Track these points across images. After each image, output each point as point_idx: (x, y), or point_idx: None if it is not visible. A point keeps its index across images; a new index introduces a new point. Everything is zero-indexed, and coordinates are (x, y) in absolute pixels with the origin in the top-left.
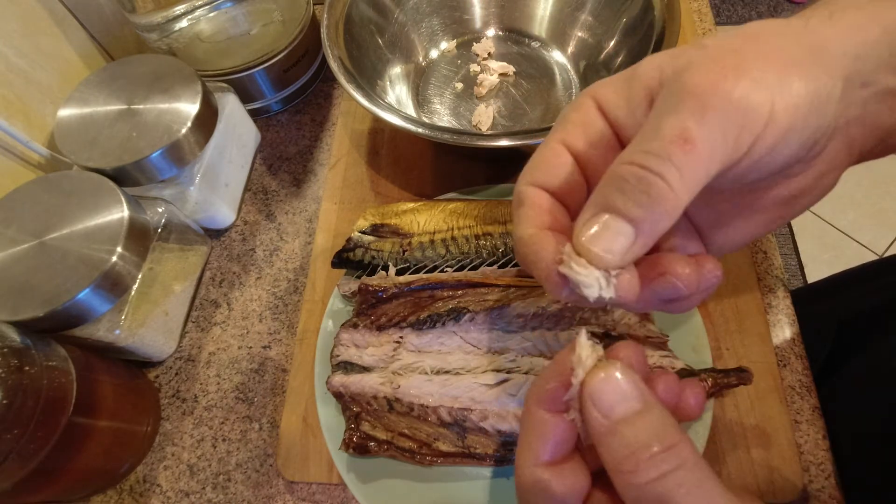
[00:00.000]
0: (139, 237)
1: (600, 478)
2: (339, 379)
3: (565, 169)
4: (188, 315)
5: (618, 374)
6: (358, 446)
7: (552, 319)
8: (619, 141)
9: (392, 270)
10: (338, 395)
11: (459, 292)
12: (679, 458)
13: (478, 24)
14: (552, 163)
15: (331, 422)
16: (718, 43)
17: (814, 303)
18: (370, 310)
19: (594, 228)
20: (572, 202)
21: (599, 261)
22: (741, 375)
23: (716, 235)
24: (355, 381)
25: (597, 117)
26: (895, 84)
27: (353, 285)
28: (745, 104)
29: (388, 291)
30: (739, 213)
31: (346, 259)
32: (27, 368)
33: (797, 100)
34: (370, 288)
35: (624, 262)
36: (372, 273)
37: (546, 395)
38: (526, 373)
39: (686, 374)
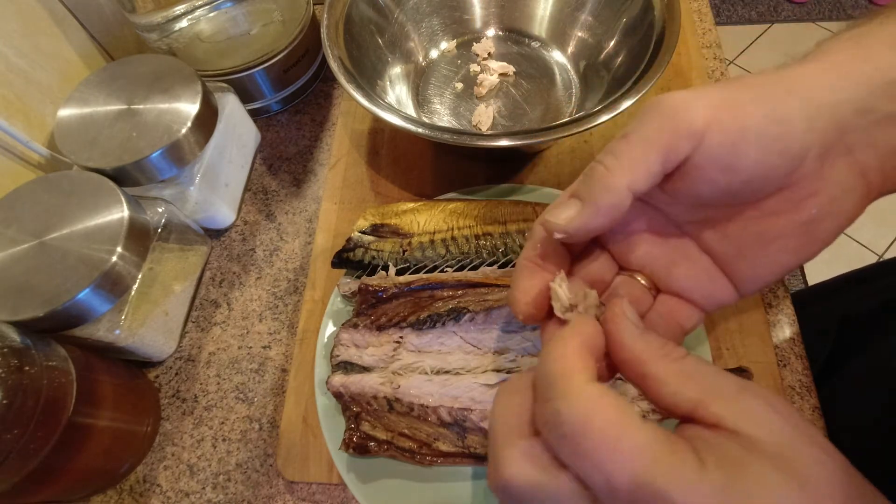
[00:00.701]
0: (139, 237)
1: None
2: (339, 379)
3: None
4: (188, 315)
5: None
6: (358, 446)
7: None
8: None
9: (392, 270)
10: (338, 396)
11: (459, 292)
12: (683, 349)
13: (478, 24)
14: None
15: (331, 422)
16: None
17: (815, 303)
18: (370, 310)
19: (561, 206)
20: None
21: (549, 225)
22: (741, 375)
23: (741, 270)
24: (355, 381)
25: None
26: None
27: (354, 285)
28: (679, 106)
29: (388, 291)
30: (758, 242)
31: (346, 259)
32: (27, 368)
33: (746, 109)
34: (370, 288)
35: (567, 230)
36: (372, 273)
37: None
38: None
39: None
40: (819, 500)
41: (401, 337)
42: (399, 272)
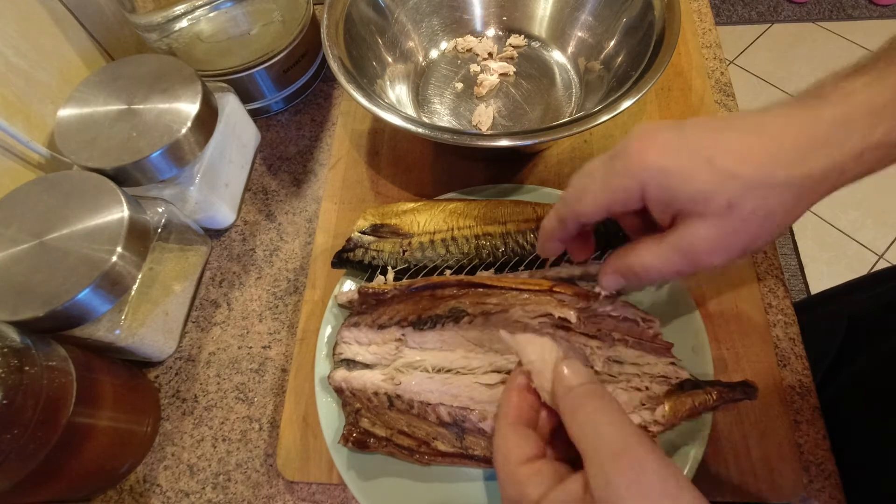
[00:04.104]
0: (139, 237)
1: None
2: (341, 374)
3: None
4: (188, 315)
5: (576, 362)
6: (357, 441)
7: (553, 327)
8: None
9: (391, 275)
10: (339, 391)
11: (461, 292)
12: (604, 401)
13: (478, 24)
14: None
15: (331, 421)
16: (729, 208)
17: (823, 306)
18: (371, 310)
19: (610, 280)
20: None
21: (607, 291)
22: (747, 391)
23: None
24: (356, 377)
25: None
26: (854, 169)
27: (352, 294)
28: (722, 263)
29: (387, 294)
30: None
31: (346, 259)
32: (27, 368)
33: (761, 244)
34: (370, 291)
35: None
36: (372, 274)
37: (519, 383)
38: None
39: (691, 386)
40: None
41: (402, 335)
42: (399, 272)
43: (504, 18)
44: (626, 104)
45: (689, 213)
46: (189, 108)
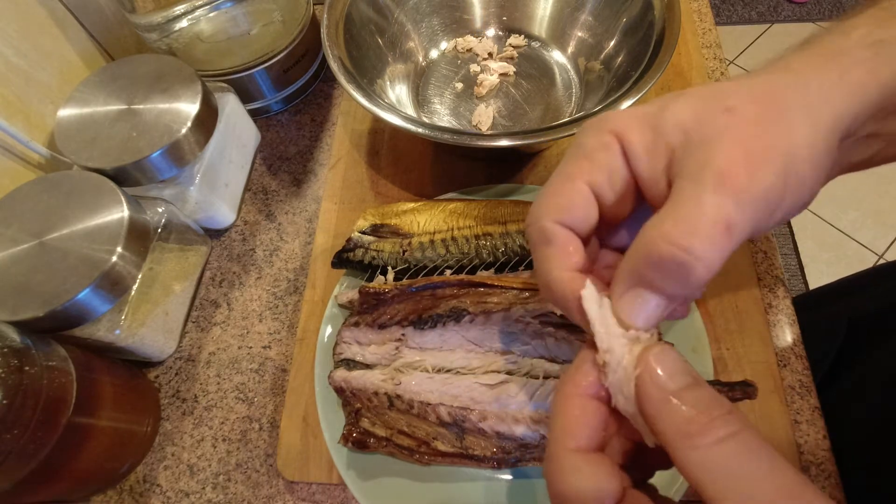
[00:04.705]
0: (139, 237)
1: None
2: (341, 374)
3: (592, 213)
4: (188, 315)
5: (674, 351)
6: (357, 441)
7: (554, 326)
8: (636, 182)
9: (391, 275)
10: (339, 390)
11: (462, 291)
12: (741, 422)
13: (478, 24)
14: (580, 205)
15: (331, 421)
16: (742, 110)
17: (823, 305)
18: (372, 310)
19: (633, 303)
20: (587, 237)
21: (635, 327)
22: (747, 390)
23: None
24: (357, 377)
25: (621, 163)
26: (874, 129)
27: (351, 294)
28: (772, 193)
29: (388, 294)
30: None
31: (346, 259)
32: (27, 368)
33: (805, 183)
34: (371, 290)
35: (653, 328)
36: (372, 274)
37: (584, 383)
38: (526, 374)
39: None
40: None
41: (402, 335)
42: (399, 272)
43: (504, 18)
44: (626, 104)
45: (687, 145)
46: (189, 108)
